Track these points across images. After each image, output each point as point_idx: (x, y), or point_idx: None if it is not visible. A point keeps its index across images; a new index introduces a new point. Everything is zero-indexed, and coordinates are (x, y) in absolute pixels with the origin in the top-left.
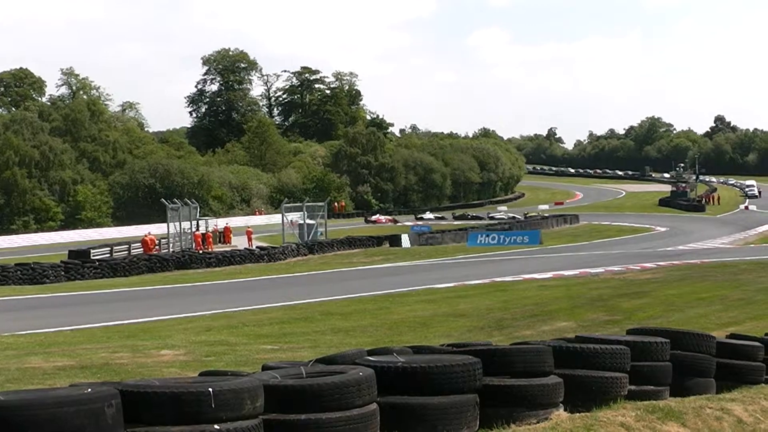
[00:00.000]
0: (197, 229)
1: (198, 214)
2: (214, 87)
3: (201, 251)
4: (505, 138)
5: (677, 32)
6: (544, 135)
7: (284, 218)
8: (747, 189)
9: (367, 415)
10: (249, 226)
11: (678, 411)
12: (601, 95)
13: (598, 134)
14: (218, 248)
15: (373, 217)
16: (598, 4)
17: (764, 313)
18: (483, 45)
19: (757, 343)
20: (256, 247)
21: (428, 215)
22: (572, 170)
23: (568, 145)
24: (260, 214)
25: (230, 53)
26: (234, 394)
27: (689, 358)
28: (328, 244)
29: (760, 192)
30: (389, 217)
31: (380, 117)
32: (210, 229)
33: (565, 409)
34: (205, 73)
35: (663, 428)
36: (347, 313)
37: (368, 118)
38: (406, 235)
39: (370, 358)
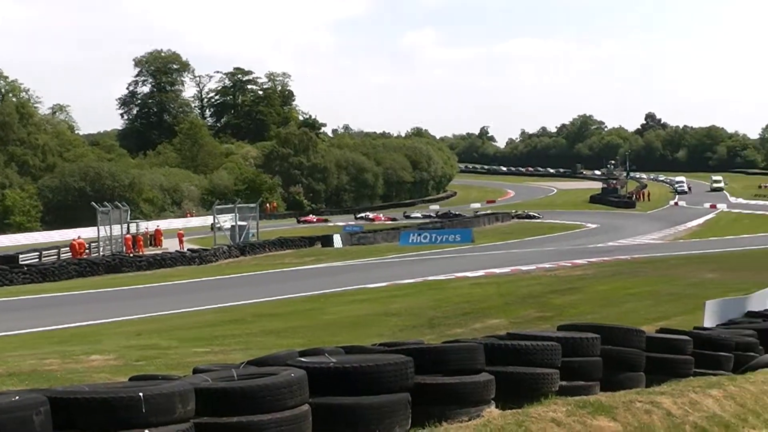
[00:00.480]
0: (128, 232)
1: (129, 217)
2: (146, 89)
3: (132, 254)
4: (438, 137)
5: (606, 30)
6: (477, 134)
7: (215, 220)
8: (677, 185)
9: (299, 416)
10: (180, 229)
11: (608, 405)
12: (533, 94)
13: (530, 132)
14: (149, 251)
15: (371, 215)
16: (529, 3)
17: (694, 308)
18: (416, 45)
19: (685, 337)
20: (188, 249)
21: (416, 214)
22: (504, 168)
23: (501, 143)
24: (191, 216)
25: (162, 54)
26: (165, 398)
27: (619, 353)
28: (260, 246)
29: (690, 188)
30: (388, 216)
31: (313, 117)
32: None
33: (496, 406)
34: (137, 75)
35: (594, 423)
36: (279, 315)
37: (301, 118)
38: (338, 235)
39: (302, 359)
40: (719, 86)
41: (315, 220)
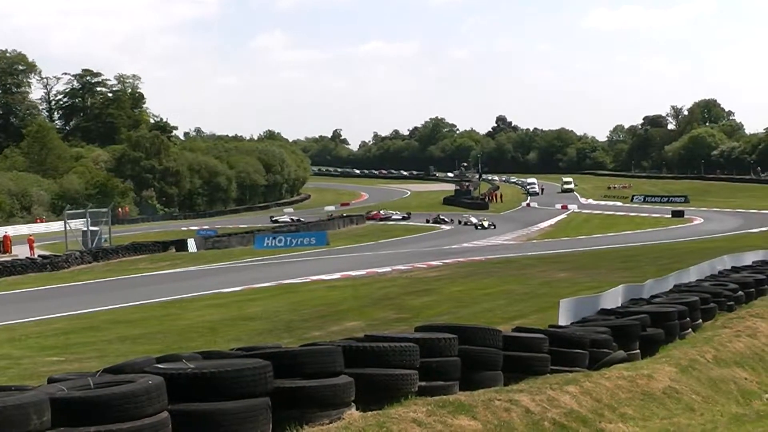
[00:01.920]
0: None
1: None
2: None
3: None
4: (291, 140)
5: (458, 34)
6: (330, 137)
7: (66, 225)
8: (528, 186)
9: (158, 424)
10: (30, 234)
11: (468, 404)
12: (385, 97)
13: (383, 135)
14: None
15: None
16: (380, 6)
17: (548, 306)
18: (267, 47)
19: (541, 335)
20: (39, 255)
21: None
22: (357, 171)
23: (354, 146)
24: (42, 221)
25: (8, 55)
26: (19, 409)
27: (477, 353)
28: (113, 251)
29: (542, 189)
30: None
31: (164, 120)
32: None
33: (357, 408)
34: None
35: (454, 422)
36: (135, 321)
37: (152, 121)
38: (192, 239)
39: (159, 365)
40: (568, 90)
41: (381, 216)
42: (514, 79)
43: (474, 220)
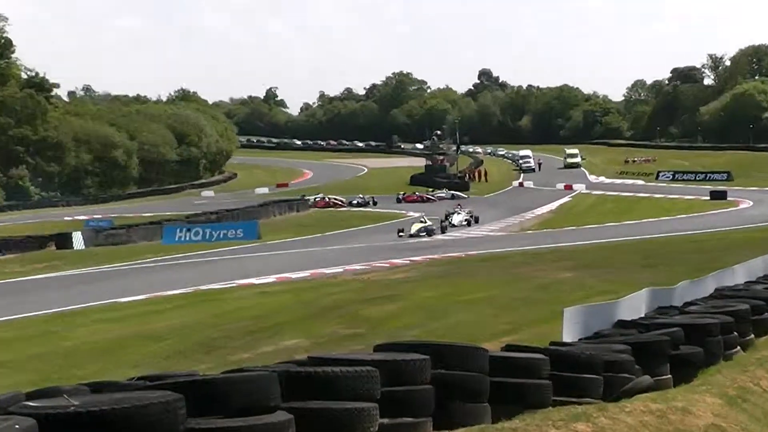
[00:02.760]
0: None
1: None
2: None
3: None
4: (211, 102)
5: None
6: (262, 97)
7: None
8: (522, 161)
9: None
10: None
11: None
12: (334, 46)
13: (332, 96)
14: None
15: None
16: None
17: (548, 316)
18: None
19: (540, 355)
20: None
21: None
22: (299, 142)
23: (293, 110)
24: None
25: None
26: None
27: (455, 379)
28: None
29: (539, 164)
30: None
31: (41, 75)
32: None
33: None
34: None
35: None
36: (2, 342)
37: (24, 76)
38: (80, 233)
39: (31, 403)
40: (573, 36)
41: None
42: (502, 22)
43: (459, 217)
